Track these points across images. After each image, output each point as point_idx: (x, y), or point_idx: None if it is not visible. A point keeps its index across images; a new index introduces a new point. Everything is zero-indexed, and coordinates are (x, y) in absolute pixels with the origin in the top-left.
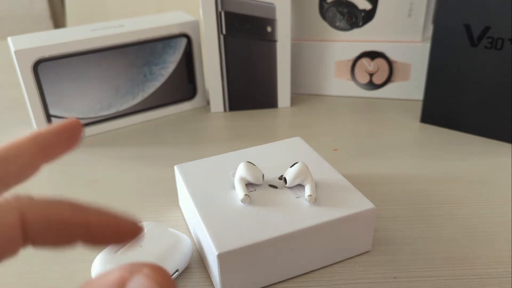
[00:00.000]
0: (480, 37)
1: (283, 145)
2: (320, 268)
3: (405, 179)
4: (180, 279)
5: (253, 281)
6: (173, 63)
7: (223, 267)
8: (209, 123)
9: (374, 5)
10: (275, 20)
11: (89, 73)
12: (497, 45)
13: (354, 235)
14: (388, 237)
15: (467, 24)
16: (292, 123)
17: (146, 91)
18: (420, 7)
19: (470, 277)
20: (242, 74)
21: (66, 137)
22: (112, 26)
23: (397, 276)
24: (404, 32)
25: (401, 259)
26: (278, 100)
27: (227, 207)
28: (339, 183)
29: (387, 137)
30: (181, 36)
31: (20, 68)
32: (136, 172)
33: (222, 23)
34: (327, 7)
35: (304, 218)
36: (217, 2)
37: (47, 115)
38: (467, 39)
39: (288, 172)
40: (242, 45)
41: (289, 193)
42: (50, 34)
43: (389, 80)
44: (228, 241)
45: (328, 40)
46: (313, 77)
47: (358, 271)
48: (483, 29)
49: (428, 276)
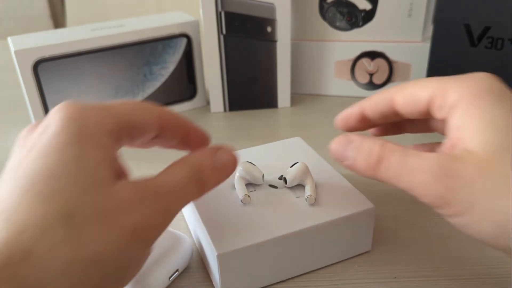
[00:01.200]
0: (480, 37)
1: (283, 145)
2: (320, 268)
3: None
4: (180, 279)
5: (253, 281)
6: (173, 63)
7: (223, 267)
8: (209, 123)
9: (374, 5)
10: (275, 20)
11: (89, 73)
12: (497, 45)
13: (354, 235)
14: (388, 237)
15: (467, 24)
16: (292, 123)
17: (146, 91)
18: (420, 7)
19: (470, 277)
20: (242, 74)
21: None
22: (112, 26)
23: (397, 276)
24: (404, 32)
25: (401, 259)
26: (278, 100)
27: (227, 207)
28: (339, 183)
29: (386, 137)
30: (181, 36)
31: (20, 68)
32: (136, 172)
33: (222, 23)
34: (327, 7)
35: (304, 218)
36: (217, 2)
37: None
38: (467, 39)
39: (288, 172)
40: (242, 45)
41: (289, 193)
42: (50, 34)
43: (389, 80)
44: (228, 241)
45: (328, 40)
46: (313, 77)
47: (358, 271)
48: (483, 29)
49: (428, 276)
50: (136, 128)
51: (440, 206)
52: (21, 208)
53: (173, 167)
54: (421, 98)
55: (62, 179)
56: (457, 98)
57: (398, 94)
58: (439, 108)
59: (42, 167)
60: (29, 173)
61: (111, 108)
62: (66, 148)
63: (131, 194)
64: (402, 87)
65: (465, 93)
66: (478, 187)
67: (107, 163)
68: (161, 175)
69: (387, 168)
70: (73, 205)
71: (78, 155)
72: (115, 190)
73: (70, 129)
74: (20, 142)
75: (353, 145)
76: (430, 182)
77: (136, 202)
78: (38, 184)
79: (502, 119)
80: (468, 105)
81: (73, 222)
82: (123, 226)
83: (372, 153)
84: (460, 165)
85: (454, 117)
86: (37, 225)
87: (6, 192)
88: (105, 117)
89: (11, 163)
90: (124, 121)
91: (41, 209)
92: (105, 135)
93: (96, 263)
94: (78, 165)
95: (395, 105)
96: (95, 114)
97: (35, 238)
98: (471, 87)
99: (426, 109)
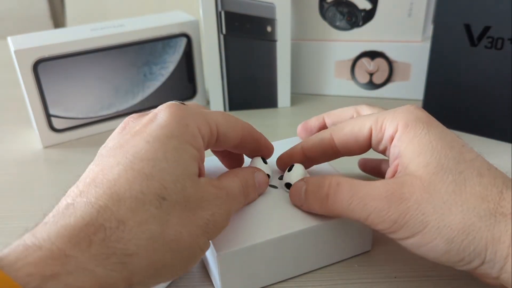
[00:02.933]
0: (480, 37)
1: (283, 145)
2: (320, 268)
3: None
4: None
5: (253, 281)
6: (173, 63)
7: (223, 267)
8: None
9: (374, 5)
10: (275, 20)
11: (89, 73)
12: (497, 45)
13: (354, 235)
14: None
15: (467, 24)
16: (292, 123)
17: (146, 91)
18: (420, 7)
19: (470, 277)
20: (242, 74)
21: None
22: (112, 26)
23: (397, 276)
24: (404, 32)
25: (401, 259)
26: (278, 100)
27: None
28: None
29: None
30: (181, 36)
31: (20, 68)
32: None
33: (222, 23)
34: (327, 7)
35: (304, 218)
36: (217, 2)
37: (47, 115)
38: (467, 39)
39: (288, 176)
40: (242, 45)
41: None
42: (50, 34)
43: (389, 80)
44: (228, 241)
45: (328, 40)
46: (313, 77)
47: (358, 271)
48: (483, 29)
49: (428, 276)
50: (224, 137)
51: (394, 231)
52: (122, 181)
53: (229, 177)
54: (360, 136)
55: (162, 164)
56: (393, 130)
57: (337, 135)
58: (378, 142)
59: (147, 150)
60: (134, 152)
61: (208, 116)
62: (169, 139)
63: (212, 190)
64: (339, 128)
65: (399, 124)
66: (427, 207)
67: (197, 161)
68: (224, 180)
69: (337, 200)
70: (167, 188)
71: (177, 147)
72: (200, 185)
73: (175, 124)
74: (122, 126)
75: (304, 188)
76: (383, 208)
77: (215, 198)
78: (141, 163)
79: (435, 142)
80: (403, 134)
81: (164, 203)
82: (198, 219)
83: (319, 189)
84: (407, 189)
85: (393, 146)
86: (134, 199)
87: (110, 165)
88: (203, 123)
89: (113, 143)
90: (216, 129)
91: (139, 186)
92: (200, 137)
93: (175, 243)
94: (176, 155)
95: (334, 146)
96: (196, 118)
97: (130, 210)
98: (403, 119)
99: (366, 145)
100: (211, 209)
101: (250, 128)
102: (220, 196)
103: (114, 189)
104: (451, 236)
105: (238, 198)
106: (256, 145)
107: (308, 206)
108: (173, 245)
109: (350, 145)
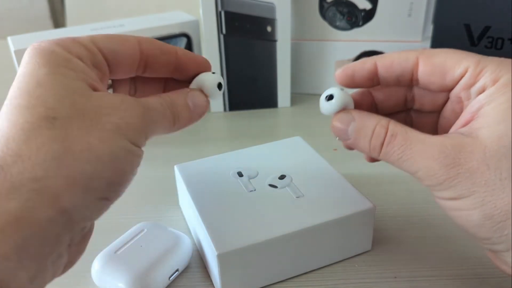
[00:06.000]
0: (480, 37)
1: (283, 144)
2: (320, 268)
3: (405, 178)
4: (180, 279)
5: (253, 281)
6: None
7: (223, 267)
8: (209, 123)
9: (374, 5)
10: (275, 20)
11: None
12: (497, 45)
13: (354, 234)
14: (388, 237)
15: (467, 24)
16: (292, 123)
17: None
18: (420, 7)
19: (470, 277)
20: (242, 74)
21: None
22: (112, 26)
23: (397, 276)
24: (404, 32)
25: (401, 259)
26: (278, 100)
27: (227, 207)
28: (338, 183)
29: None
30: (181, 35)
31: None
32: None
33: (222, 23)
34: (327, 7)
35: (304, 218)
36: (217, 2)
37: None
38: (467, 39)
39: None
40: (242, 45)
41: (289, 193)
42: (50, 34)
43: None
44: (228, 241)
45: (328, 40)
46: (313, 77)
47: (358, 270)
48: (483, 29)
49: (428, 276)
50: (114, 54)
51: (439, 190)
52: (5, 124)
53: (150, 97)
54: (451, 71)
55: (37, 91)
56: (491, 80)
57: (424, 61)
58: (467, 87)
59: (18, 88)
60: (9, 97)
61: (79, 38)
62: (37, 70)
63: (111, 100)
64: (429, 54)
65: (499, 79)
66: (479, 178)
67: (84, 80)
68: (142, 98)
69: (389, 151)
70: (54, 109)
71: (50, 72)
72: (94, 96)
73: (38, 56)
74: None
75: (354, 124)
76: (433, 169)
77: (116, 106)
78: (16, 100)
79: None
80: (496, 93)
81: (57, 122)
82: (105, 124)
83: (373, 136)
84: (465, 155)
85: (477, 100)
86: (21, 131)
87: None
88: (72, 45)
89: None
90: (94, 46)
91: (22, 118)
92: (74, 58)
93: (87, 153)
94: (52, 78)
95: (416, 72)
96: (62, 42)
97: (21, 141)
98: (505, 75)
99: (453, 84)
100: (118, 114)
101: (151, 40)
102: (126, 101)
103: (1, 134)
104: (491, 213)
105: (158, 111)
106: (170, 57)
107: (353, 146)
108: (86, 155)
109: (434, 79)
